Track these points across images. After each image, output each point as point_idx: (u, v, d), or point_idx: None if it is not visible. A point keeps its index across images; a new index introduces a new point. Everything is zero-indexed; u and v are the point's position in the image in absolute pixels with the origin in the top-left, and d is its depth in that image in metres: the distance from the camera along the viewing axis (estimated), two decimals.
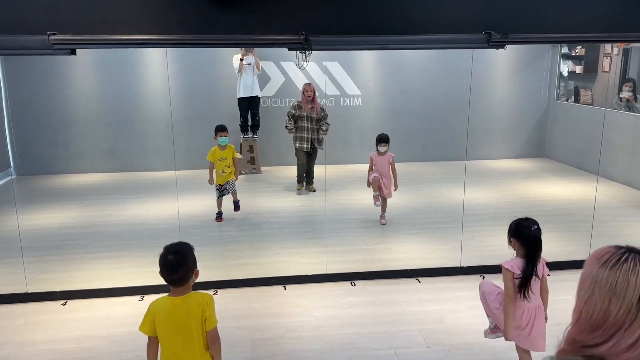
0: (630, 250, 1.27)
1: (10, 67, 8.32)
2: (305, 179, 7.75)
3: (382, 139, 6.09)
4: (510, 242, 3.11)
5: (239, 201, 6.48)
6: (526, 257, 3.03)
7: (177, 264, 2.54)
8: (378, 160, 6.11)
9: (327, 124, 7.53)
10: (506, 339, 3.14)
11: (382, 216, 6.33)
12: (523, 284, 3.01)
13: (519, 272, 3.00)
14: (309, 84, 7.46)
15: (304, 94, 7.34)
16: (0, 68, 8.23)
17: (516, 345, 3.21)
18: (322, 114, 7.48)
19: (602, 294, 1.24)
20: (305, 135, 7.44)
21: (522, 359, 3.23)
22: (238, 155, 6.69)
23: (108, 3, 3.97)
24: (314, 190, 7.63)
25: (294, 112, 7.41)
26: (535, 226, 3.05)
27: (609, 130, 7.72)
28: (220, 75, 8.94)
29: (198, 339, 2.57)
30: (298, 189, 7.66)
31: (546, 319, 3.15)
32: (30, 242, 5.56)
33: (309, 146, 7.47)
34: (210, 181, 6.34)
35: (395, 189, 6.24)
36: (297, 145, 7.51)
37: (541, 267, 3.08)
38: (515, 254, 3.10)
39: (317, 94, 7.51)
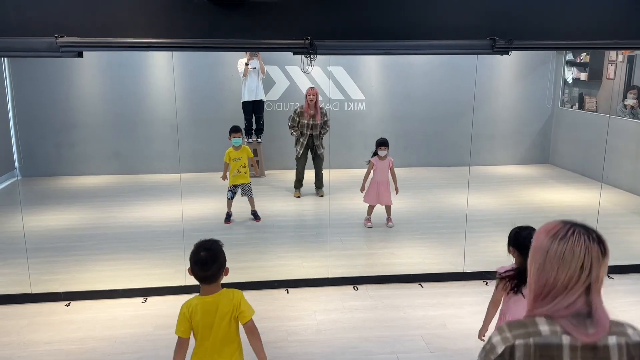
0: (575, 224, 1.46)
1: (16, 69, 8.37)
2: (315, 184, 7.75)
3: (382, 143, 6.12)
4: (509, 251, 3.09)
5: (256, 211, 6.57)
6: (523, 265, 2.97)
7: (210, 260, 2.54)
8: (379, 165, 6.13)
9: (327, 127, 7.55)
10: (479, 338, 3.15)
11: (389, 219, 6.33)
12: (524, 280, 2.93)
13: (512, 281, 2.94)
14: (313, 87, 7.47)
15: (307, 97, 7.33)
16: (6, 70, 8.29)
17: None
18: (325, 118, 7.51)
19: (552, 264, 1.43)
20: (303, 141, 7.46)
21: None
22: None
23: (115, 7, 4.01)
24: (323, 195, 7.62)
25: (296, 117, 7.43)
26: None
27: (613, 137, 7.71)
28: (225, 79, 8.98)
29: (230, 335, 2.60)
30: (297, 195, 7.64)
31: None
32: (35, 243, 5.58)
33: (303, 151, 7.49)
34: (223, 177, 6.45)
35: (397, 193, 6.26)
36: (297, 149, 7.55)
37: None
38: (514, 261, 3.08)
39: (320, 99, 7.50)
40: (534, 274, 1.48)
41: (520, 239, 2.98)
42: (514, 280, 2.95)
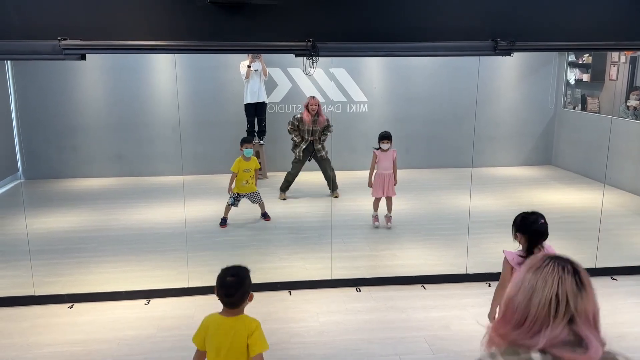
0: (555, 258, 1.48)
1: (19, 72, 8.40)
2: (328, 186, 7.67)
3: (385, 136, 6.18)
4: (516, 237, 3.09)
5: (266, 212, 6.62)
6: (528, 251, 2.99)
7: (235, 286, 2.57)
8: (382, 156, 6.16)
9: (328, 132, 7.54)
10: (489, 319, 3.12)
11: (389, 217, 6.32)
12: None
13: (517, 266, 2.96)
14: (314, 97, 7.44)
15: (308, 108, 7.30)
16: (9, 73, 8.32)
17: None
18: (326, 124, 7.50)
19: (524, 293, 1.44)
20: (303, 146, 7.45)
21: None
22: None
23: (118, 9, 4.02)
24: (337, 196, 7.58)
25: (296, 123, 7.42)
26: (542, 220, 3.03)
27: (615, 139, 7.70)
28: (228, 81, 9.00)
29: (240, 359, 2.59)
30: (282, 198, 7.58)
31: None
32: (38, 245, 5.60)
33: (303, 155, 7.49)
34: (229, 191, 6.42)
35: (395, 184, 6.27)
36: (294, 150, 7.55)
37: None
38: (520, 247, 3.09)
39: (321, 107, 7.51)
40: (506, 302, 1.50)
41: (527, 224, 3.03)
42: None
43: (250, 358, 2.59)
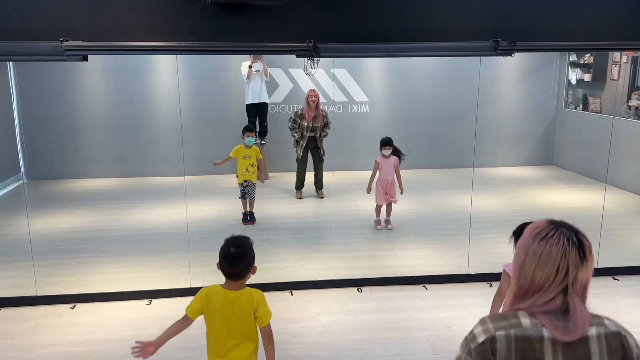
0: (559, 225, 1.49)
1: (21, 74, 8.42)
2: (315, 184, 7.74)
3: (387, 142, 6.15)
4: (515, 246, 3.11)
5: (254, 213, 6.55)
6: None
7: (239, 257, 2.54)
8: (384, 163, 6.15)
9: (327, 130, 7.57)
10: None
11: (388, 221, 6.33)
12: None
13: None
14: (314, 89, 7.44)
15: (308, 99, 7.31)
16: (12, 74, 8.34)
17: None
18: (325, 120, 7.50)
19: (530, 263, 1.47)
20: (303, 143, 7.47)
21: None
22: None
23: (119, 10, 4.03)
24: (322, 197, 7.61)
25: (297, 119, 7.43)
26: None
27: (617, 138, 7.69)
28: (229, 82, 9.00)
29: (245, 332, 2.58)
30: (298, 197, 7.65)
31: None
32: (40, 245, 5.61)
33: (303, 153, 7.51)
34: (216, 163, 6.39)
35: (402, 193, 6.26)
36: (297, 151, 7.58)
37: None
38: None
39: (322, 100, 7.56)
40: (516, 271, 1.53)
41: None
42: None
43: (261, 329, 2.61)
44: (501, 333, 1.44)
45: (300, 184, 7.71)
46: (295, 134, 7.51)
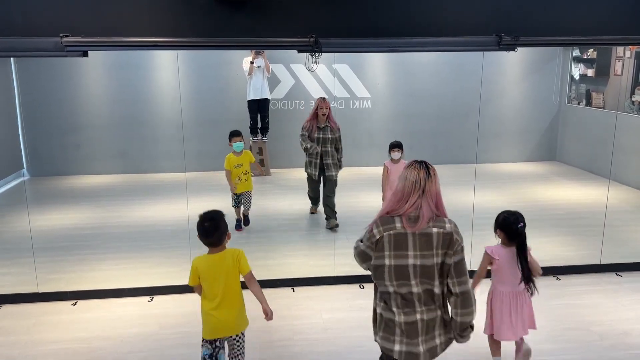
0: (417, 162, 2.58)
1: (22, 70, 8.41)
2: (325, 213, 6.39)
3: (396, 145, 5.81)
4: (496, 232, 3.49)
5: (248, 215, 6.36)
6: (517, 255, 3.39)
7: (212, 229, 3.05)
8: (393, 168, 5.80)
9: (340, 145, 6.42)
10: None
11: None
12: (527, 280, 3.37)
13: (497, 257, 3.44)
14: (324, 99, 6.19)
15: (319, 111, 6.12)
16: (13, 70, 8.33)
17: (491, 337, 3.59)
18: (338, 133, 6.30)
19: (400, 180, 2.55)
20: (314, 160, 6.24)
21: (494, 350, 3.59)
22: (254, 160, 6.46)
23: (120, 6, 4.01)
24: (337, 225, 6.20)
25: (306, 133, 6.19)
26: (522, 224, 3.34)
27: (620, 134, 7.66)
28: (230, 78, 8.98)
29: (233, 285, 3.09)
30: (312, 212, 6.86)
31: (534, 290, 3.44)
32: (42, 242, 5.60)
33: (317, 173, 6.25)
34: (233, 189, 6.07)
35: None
36: (308, 170, 6.37)
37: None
38: (500, 242, 3.48)
39: (331, 110, 6.26)
40: (397, 190, 2.56)
41: (507, 223, 3.39)
42: (527, 282, 3.42)
43: (244, 277, 3.13)
44: (386, 233, 2.50)
45: (315, 200, 6.81)
46: (309, 146, 6.11)
